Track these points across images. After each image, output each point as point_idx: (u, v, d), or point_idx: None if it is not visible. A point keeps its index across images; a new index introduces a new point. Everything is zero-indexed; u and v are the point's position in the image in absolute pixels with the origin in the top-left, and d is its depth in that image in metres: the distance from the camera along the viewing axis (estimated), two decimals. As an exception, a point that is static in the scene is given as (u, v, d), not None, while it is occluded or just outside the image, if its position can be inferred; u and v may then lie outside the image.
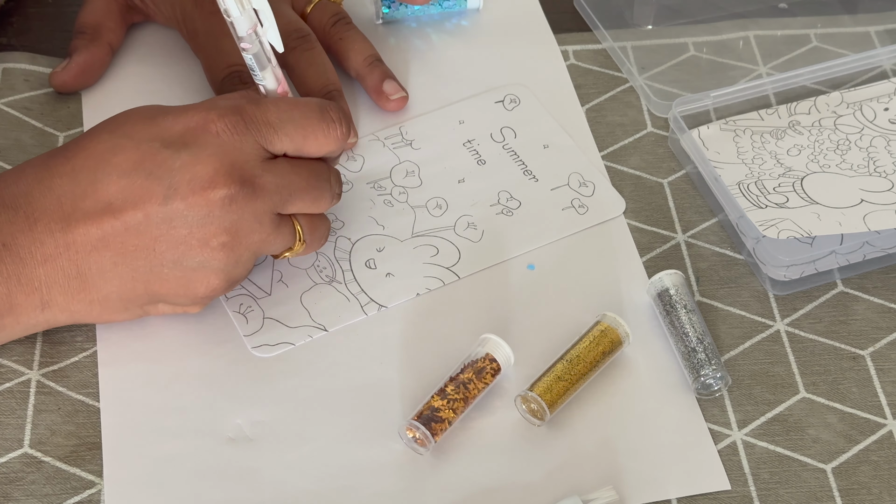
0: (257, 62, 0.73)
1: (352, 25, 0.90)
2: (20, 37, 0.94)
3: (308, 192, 0.73)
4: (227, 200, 0.69)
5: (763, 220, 0.81)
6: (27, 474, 0.71)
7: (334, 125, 0.73)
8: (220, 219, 0.69)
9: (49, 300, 0.70)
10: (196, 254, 0.70)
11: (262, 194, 0.70)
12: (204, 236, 0.70)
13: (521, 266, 0.81)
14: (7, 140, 0.86)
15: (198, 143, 0.69)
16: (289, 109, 0.72)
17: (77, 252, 0.69)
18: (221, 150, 0.70)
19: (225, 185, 0.69)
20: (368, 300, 0.78)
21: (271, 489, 0.70)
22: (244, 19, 0.70)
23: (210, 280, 0.71)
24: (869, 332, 0.78)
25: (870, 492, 0.71)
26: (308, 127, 0.72)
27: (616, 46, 0.93)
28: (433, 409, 0.71)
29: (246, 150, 0.70)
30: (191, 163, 0.69)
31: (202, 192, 0.69)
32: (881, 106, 0.89)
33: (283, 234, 0.73)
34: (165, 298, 0.72)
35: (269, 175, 0.71)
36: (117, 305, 0.72)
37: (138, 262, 0.70)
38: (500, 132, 0.88)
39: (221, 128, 0.70)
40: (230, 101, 0.72)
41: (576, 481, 0.71)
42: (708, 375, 0.74)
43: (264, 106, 0.72)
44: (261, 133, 0.71)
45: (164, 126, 0.70)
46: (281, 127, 0.71)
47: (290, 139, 0.72)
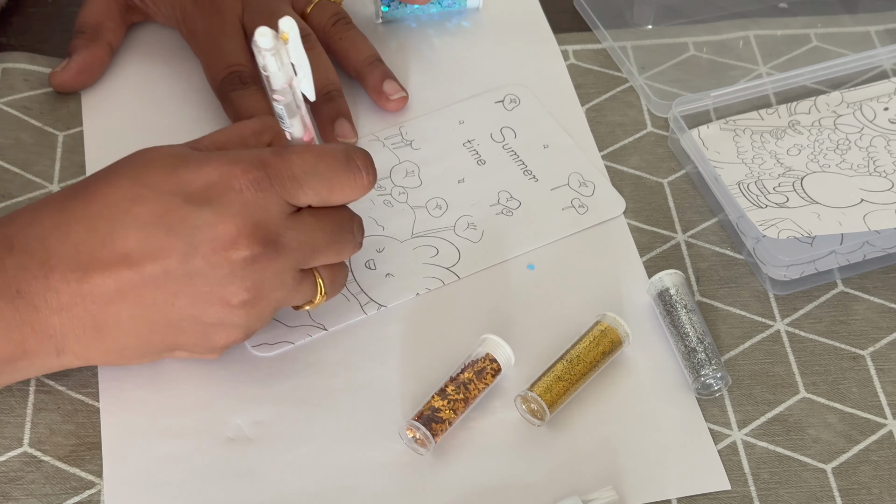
0: (287, 112, 0.70)
1: (352, 25, 0.90)
2: (20, 36, 0.94)
3: (332, 247, 0.71)
4: (250, 261, 0.67)
5: (763, 219, 0.81)
6: (27, 473, 0.71)
7: (360, 174, 0.70)
8: (242, 278, 0.67)
9: (64, 347, 0.68)
10: (216, 311, 0.68)
11: (286, 252, 0.68)
12: (224, 295, 0.68)
13: (521, 266, 0.81)
14: (7, 139, 0.86)
15: (221, 200, 0.67)
16: (314, 162, 0.69)
17: (94, 302, 0.67)
18: (245, 208, 0.67)
19: (248, 246, 0.67)
20: (368, 300, 0.78)
21: (271, 489, 0.70)
22: (281, 75, 0.67)
23: (229, 334, 0.70)
24: (869, 332, 0.78)
25: (870, 492, 0.71)
26: (334, 178, 0.69)
27: (616, 46, 0.93)
28: (433, 409, 0.71)
29: (270, 207, 0.68)
30: (213, 221, 0.67)
31: (224, 252, 0.67)
32: (881, 105, 0.89)
33: (306, 288, 0.71)
34: (183, 347, 0.71)
35: (293, 232, 0.69)
36: (134, 354, 0.70)
37: (156, 315, 0.68)
38: (499, 132, 0.88)
39: (245, 184, 0.67)
40: (254, 154, 0.69)
41: (576, 481, 0.71)
42: (708, 375, 0.74)
43: (289, 159, 0.69)
44: (285, 188, 0.68)
45: (186, 178, 0.68)
46: (306, 181, 0.68)
47: (316, 192, 0.69)
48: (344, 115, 0.86)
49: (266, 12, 0.88)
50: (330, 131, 0.85)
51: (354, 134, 0.86)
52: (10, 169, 0.85)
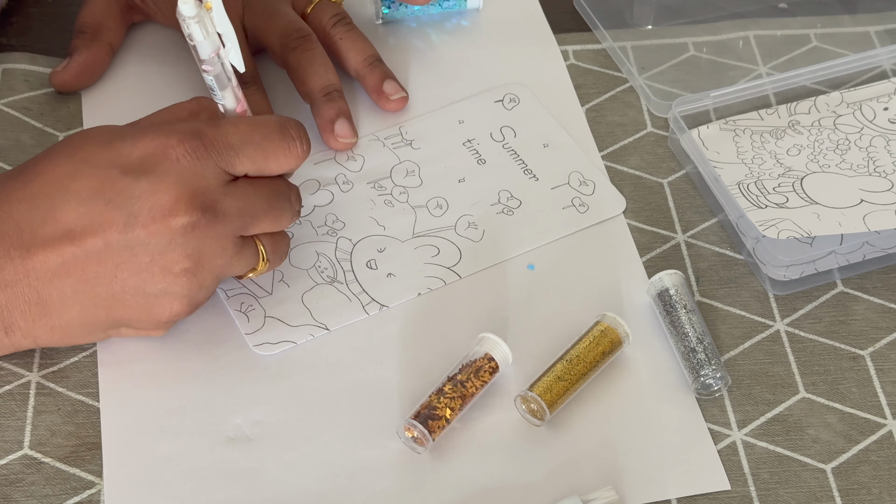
0: (217, 83, 0.71)
1: (352, 25, 0.90)
2: (20, 37, 0.94)
3: (269, 213, 0.72)
4: (189, 227, 0.68)
5: (763, 219, 0.81)
6: (27, 475, 0.71)
7: (294, 143, 0.72)
8: (183, 246, 0.69)
9: (11, 325, 0.70)
10: (158, 280, 0.69)
11: (225, 219, 0.70)
12: (166, 263, 0.69)
13: (521, 266, 0.81)
14: (7, 140, 0.86)
15: (157, 169, 0.68)
16: (249, 130, 0.71)
17: (37, 279, 0.68)
18: (182, 176, 0.68)
19: (186, 212, 0.68)
20: (370, 300, 0.78)
21: (271, 489, 0.70)
22: (207, 44, 0.69)
23: (173, 305, 0.71)
24: (869, 332, 0.78)
25: (869, 492, 0.71)
26: (269, 147, 0.71)
27: (616, 46, 0.93)
28: (431, 408, 0.72)
29: (207, 175, 0.69)
30: (151, 190, 0.68)
31: (163, 220, 0.68)
32: (881, 105, 0.89)
33: (247, 255, 0.72)
34: (128, 323, 0.72)
35: (231, 199, 0.70)
36: (79, 331, 0.71)
37: (99, 288, 0.69)
38: (499, 131, 0.88)
39: (181, 153, 0.69)
40: (189, 125, 0.70)
41: (576, 481, 0.71)
42: (708, 375, 0.74)
43: (224, 128, 0.70)
44: (221, 156, 0.70)
45: (123, 151, 0.69)
46: (242, 149, 0.70)
47: (251, 161, 0.70)
48: (344, 115, 0.86)
49: (266, 12, 0.88)
50: (330, 131, 0.85)
51: (354, 134, 0.86)
52: (10, 169, 0.85)
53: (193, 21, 0.68)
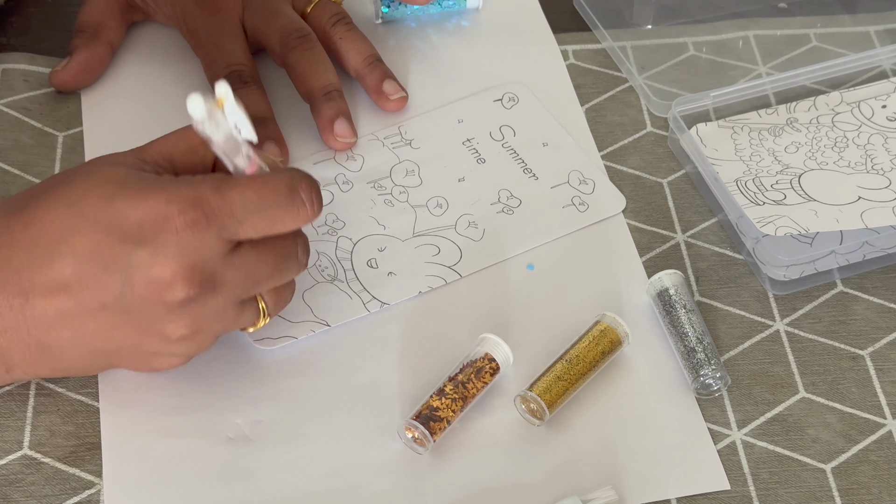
0: (230, 154, 0.67)
1: (352, 25, 0.90)
2: (19, 37, 0.94)
3: (274, 276, 0.70)
4: (186, 302, 0.66)
5: (761, 216, 0.81)
6: (27, 475, 0.71)
7: (304, 207, 0.67)
8: (180, 317, 0.67)
9: (12, 365, 0.69)
10: (155, 344, 0.68)
11: (224, 290, 0.68)
12: (163, 330, 0.68)
13: (521, 266, 0.81)
14: (6, 141, 0.86)
15: (156, 241, 0.65)
16: (255, 199, 0.66)
17: (36, 327, 0.67)
18: (180, 250, 0.65)
19: (183, 288, 0.66)
20: (371, 297, 0.79)
21: (271, 489, 0.70)
22: (220, 132, 0.65)
23: (171, 361, 0.70)
24: (868, 332, 0.78)
25: (869, 492, 0.71)
26: (276, 214, 0.67)
27: (616, 46, 0.93)
28: (432, 408, 0.72)
29: (206, 248, 0.66)
30: (148, 263, 0.65)
31: (159, 295, 0.66)
32: (879, 103, 0.89)
33: (247, 316, 0.71)
34: (127, 368, 0.72)
35: (232, 270, 0.67)
36: (81, 371, 0.72)
37: (97, 342, 0.68)
38: (499, 130, 0.88)
39: (181, 226, 0.65)
40: (192, 192, 0.66)
41: (575, 481, 0.71)
42: (707, 375, 0.74)
43: (229, 197, 0.66)
44: (224, 227, 0.66)
45: (122, 212, 0.66)
46: (246, 219, 0.66)
47: (255, 229, 0.67)
48: (344, 115, 0.86)
49: (266, 12, 0.88)
50: (330, 131, 0.85)
51: (354, 134, 0.86)
52: (9, 171, 0.85)
53: (203, 123, 0.64)
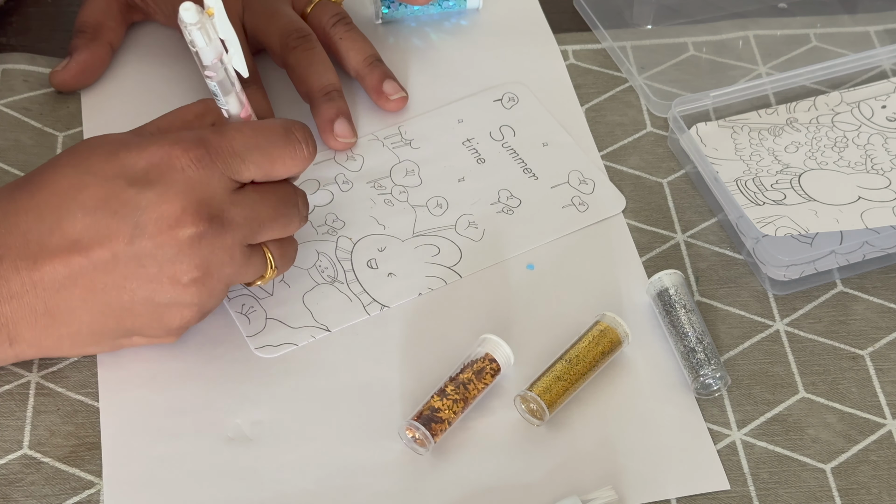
0: (221, 88, 0.70)
1: (352, 25, 0.90)
2: (19, 37, 0.94)
3: (277, 220, 0.71)
4: (196, 238, 0.68)
5: (761, 216, 0.81)
6: (26, 475, 0.71)
7: (300, 146, 0.71)
8: (190, 256, 0.68)
9: (16, 336, 0.69)
10: (167, 290, 0.69)
11: (232, 228, 0.69)
12: (174, 274, 0.68)
13: (521, 266, 0.81)
14: (6, 141, 0.86)
15: (163, 180, 0.68)
16: (254, 136, 0.70)
17: (45, 290, 0.68)
18: (188, 186, 0.68)
19: (193, 223, 0.67)
20: (371, 300, 0.78)
21: (271, 489, 0.70)
22: (210, 50, 0.68)
23: (183, 314, 0.71)
24: (868, 332, 0.78)
25: (869, 492, 0.71)
26: (275, 152, 0.70)
27: (615, 46, 0.93)
28: (433, 409, 0.72)
29: (213, 183, 0.68)
30: (157, 202, 0.67)
31: (169, 232, 0.67)
32: (879, 104, 0.89)
33: (255, 263, 0.72)
34: (139, 331, 0.71)
35: (238, 208, 0.69)
36: (88, 339, 0.71)
37: (108, 298, 0.69)
38: (499, 130, 0.88)
39: (186, 163, 0.68)
40: (193, 134, 0.69)
41: (575, 481, 0.71)
42: (707, 375, 0.74)
43: (229, 135, 0.69)
44: (227, 164, 0.69)
45: (128, 162, 0.68)
46: (247, 155, 0.69)
47: (258, 166, 0.70)
48: (344, 115, 0.86)
49: (266, 12, 0.88)
50: (330, 131, 0.85)
51: (354, 134, 0.86)
52: (9, 170, 0.85)
53: (195, 27, 0.67)
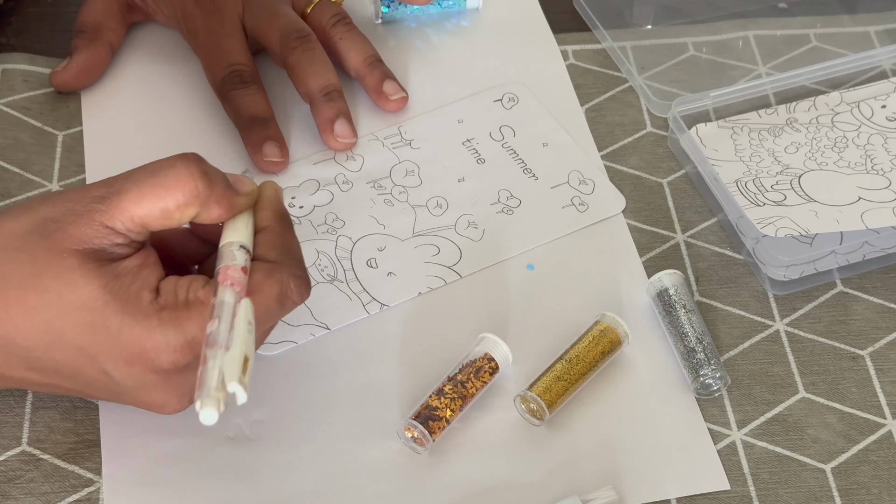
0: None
1: (352, 25, 0.90)
2: (19, 37, 0.94)
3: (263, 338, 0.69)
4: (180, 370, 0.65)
5: (761, 217, 0.81)
6: (25, 472, 0.71)
7: (293, 304, 0.67)
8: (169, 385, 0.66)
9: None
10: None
11: None
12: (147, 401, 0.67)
13: (521, 266, 0.81)
14: (7, 139, 0.86)
15: (144, 380, 0.65)
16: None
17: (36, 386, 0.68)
18: (170, 386, 0.66)
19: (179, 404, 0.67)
20: (370, 299, 0.78)
21: (270, 488, 0.70)
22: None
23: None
24: (868, 332, 0.78)
25: (869, 492, 0.71)
26: (267, 321, 0.67)
27: (615, 46, 0.93)
28: (431, 408, 0.72)
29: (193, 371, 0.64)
30: (136, 389, 0.66)
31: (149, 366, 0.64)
32: (878, 103, 0.89)
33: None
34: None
35: None
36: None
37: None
38: (499, 131, 0.88)
39: (171, 370, 0.64)
40: (180, 337, 0.64)
41: (575, 481, 0.71)
42: (707, 375, 0.74)
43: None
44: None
45: (102, 354, 0.64)
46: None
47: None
48: (344, 115, 0.86)
49: (266, 12, 0.88)
50: (330, 131, 0.85)
51: (354, 134, 0.86)
52: (9, 169, 0.85)
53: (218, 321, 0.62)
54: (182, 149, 0.85)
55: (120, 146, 0.86)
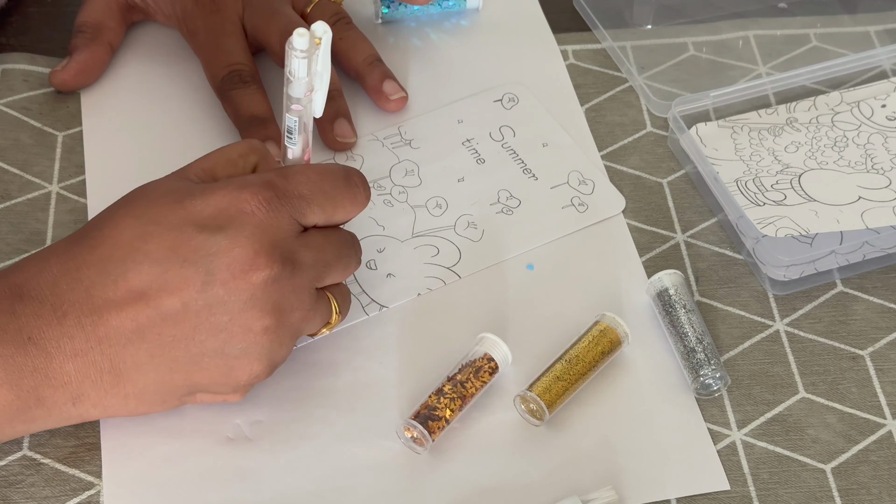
0: (298, 126, 0.69)
1: (352, 25, 0.90)
2: (19, 37, 0.94)
3: (340, 262, 0.70)
4: (270, 281, 0.66)
5: (761, 217, 0.81)
6: (26, 476, 0.71)
7: (359, 190, 0.70)
8: (263, 301, 0.66)
9: (80, 395, 0.67)
10: (239, 340, 0.67)
11: (302, 270, 0.68)
12: (246, 321, 0.66)
13: (521, 266, 0.81)
14: (6, 140, 0.86)
15: (233, 224, 0.66)
16: (318, 180, 0.69)
17: (110, 346, 0.66)
18: (258, 229, 0.66)
19: (267, 265, 0.66)
20: (370, 300, 0.78)
21: (270, 489, 0.70)
22: (305, 82, 0.66)
23: (253, 367, 0.68)
24: (868, 332, 0.78)
25: (869, 492, 0.71)
26: (337, 196, 0.69)
27: (615, 46, 0.93)
28: (430, 408, 0.72)
29: (282, 226, 0.67)
30: (228, 246, 0.66)
31: (243, 276, 0.66)
32: (878, 103, 0.89)
33: (322, 309, 0.70)
34: (206, 388, 0.69)
35: (306, 250, 0.68)
36: (154, 398, 0.69)
37: (177, 352, 0.66)
38: (498, 131, 0.88)
39: (255, 206, 0.67)
40: (259, 177, 0.68)
41: (575, 481, 0.71)
42: (707, 375, 0.74)
43: (294, 179, 0.68)
44: (294, 207, 0.68)
45: (194, 209, 0.67)
46: (313, 199, 0.68)
47: (322, 210, 0.69)
48: (343, 115, 0.86)
49: (266, 12, 0.88)
50: (329, 131, 0.85)
51: (354, 134, 0.86)
52: (9, 170, 0.85)
53: (302, 56, 0.64)
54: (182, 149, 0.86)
55: (120, 146, 0.86)
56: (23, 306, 0.66)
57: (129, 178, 0.84)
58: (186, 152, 0.86)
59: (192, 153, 0.85)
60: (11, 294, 0.66)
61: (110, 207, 0.69)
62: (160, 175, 0.71)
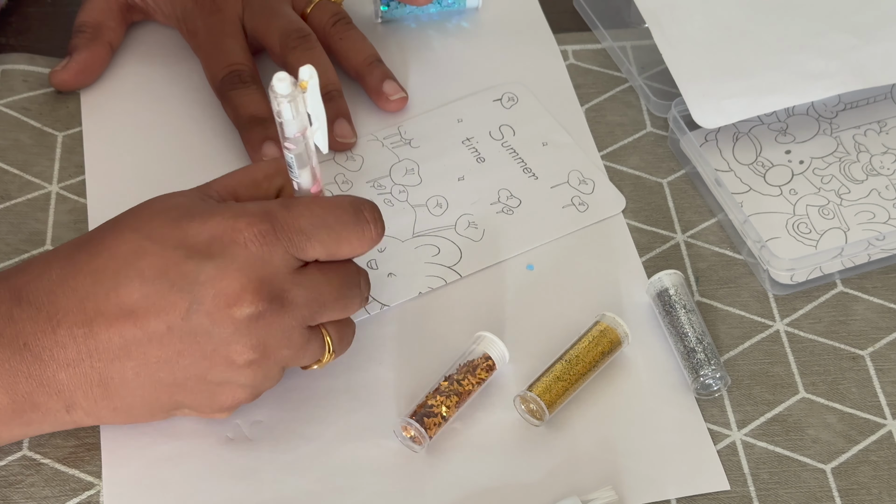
0: (297, 161, 0.67)
1: (352, 25, 0.90)
2: (19, 37, 0.94)
3: (339, 302, 0.68)
4: (254, 318, 0.65)
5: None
6: (26, 477, 0.71)
7: (369, 227, 0.68)
8: (247, 337, 0.65)
9: (73, 403, 0.67)
10: (221, 370, 0.66)
11: (292, 309, 0.66)
12: (229, 354, 0.66)
13: (521, 266, 0.81)
14: (6, 140, 0.86)
15: (225, 254, 0.65)
16: (322, 214, 0.67)
17: (100, 359, 0.66)
18: (249, 262, 0.65)
19: (252, 302, 0.64)
20: (371, 299, 0.78)
21: (270, 489, 0.70)
22: (296, 123, 0.64)
23: (235, 394, 0.68)
24: (869, 333, 0.78)
25: (869, 492, 0.71)
26: (342, 232, 0.67)
27: (615, 46, 0.93)
28: (427, 406, 0.72)
29: (275, 261, 0.65)
30: (216, 277, 0.64)
31: (227, 309, 0.64)
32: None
33: (313, 347, 0.69)
34: (191, 407, 0.69)
35: (300, 288, 0.66)
36: (142, 412, 0.69)
37: (161, 373, 0.66)
38: (498, 130, 0.88)
39: (250, 237, 0.65)
40: (260, 206, 0.66)
41: (575, 481, 0.71)
42: (707, 375, 0.74)
43: (296, 211, 0.66)
44: (292, 242, 0.66)
45: (190, 231, 0.65)
46: (314, 234, 0.66)
47: (323, 246, 0.67)
48: (343, 116, 0.86)
49: (266, 12, 0.88)
50: (330, 131, 0.85)
51: (354, 134, 0.86)
52: (8, 170, 0.85)
53: (286, 100, 0.63)
54: (182, 149, 0.86)
55: (120, 146, 0.86)
56: (20, 311, 0.66)
57: (129, 178, 0.84)
58: (186, 152, 0.86)
59: (191, 153, 0.86)
60: (11, 297, 0.66)
61: (122, 214, 0.68)
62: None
